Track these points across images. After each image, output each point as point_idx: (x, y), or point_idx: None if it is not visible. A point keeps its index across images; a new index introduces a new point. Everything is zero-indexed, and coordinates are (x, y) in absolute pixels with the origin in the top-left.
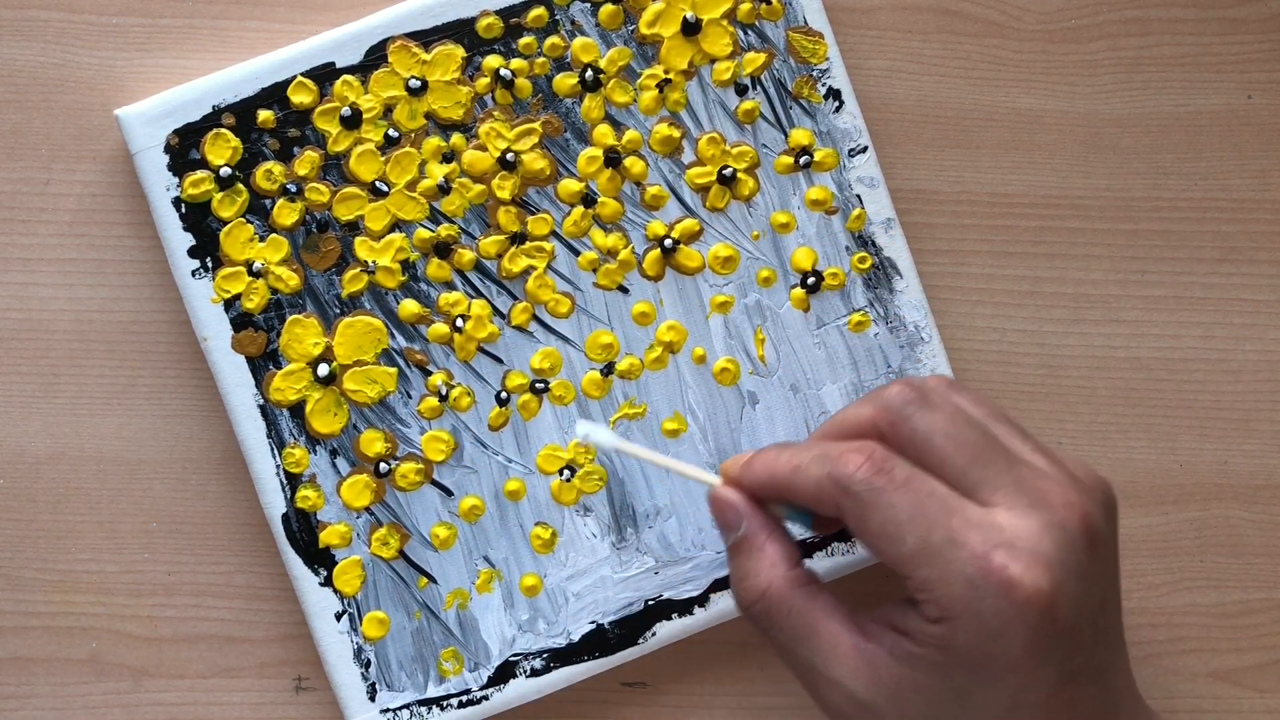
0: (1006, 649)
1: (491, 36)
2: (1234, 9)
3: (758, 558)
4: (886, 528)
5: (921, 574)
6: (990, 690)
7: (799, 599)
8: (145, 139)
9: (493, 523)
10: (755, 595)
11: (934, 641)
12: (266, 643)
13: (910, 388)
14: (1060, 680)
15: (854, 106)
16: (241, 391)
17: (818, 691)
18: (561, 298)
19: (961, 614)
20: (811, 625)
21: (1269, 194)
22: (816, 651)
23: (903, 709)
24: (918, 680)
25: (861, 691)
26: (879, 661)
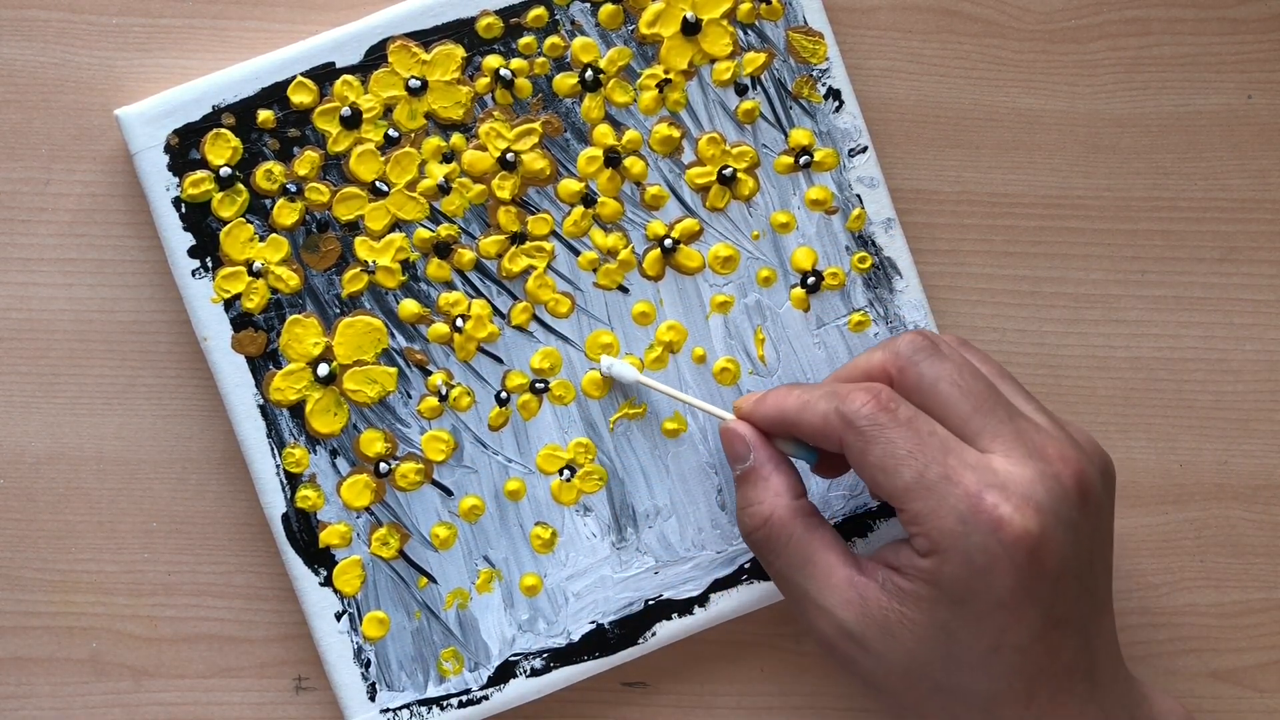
0: (992, 586)
1: (491, 36)
2: (1234, 9)
3: (762, 487)
4: (885, 461)
5: (915, 507)
6: (974, 628)
7: (799, 528)
8: (145, 139)
9: (493, 523)
10: (758, 522)
11: (923, 576)
12: (266, 643)
13: (922, 337)
14: (1044, 626)
15: (854, 106)
16: (241, 391)
17: (809, 619)
18: (561, 298)
19: (950, 548)
20: (809, 554)
21: (1269, 194)
22: (811, 580)
23: (889, 642)
24: (905, 614)
25: (851, 622)
26: (870, 595)
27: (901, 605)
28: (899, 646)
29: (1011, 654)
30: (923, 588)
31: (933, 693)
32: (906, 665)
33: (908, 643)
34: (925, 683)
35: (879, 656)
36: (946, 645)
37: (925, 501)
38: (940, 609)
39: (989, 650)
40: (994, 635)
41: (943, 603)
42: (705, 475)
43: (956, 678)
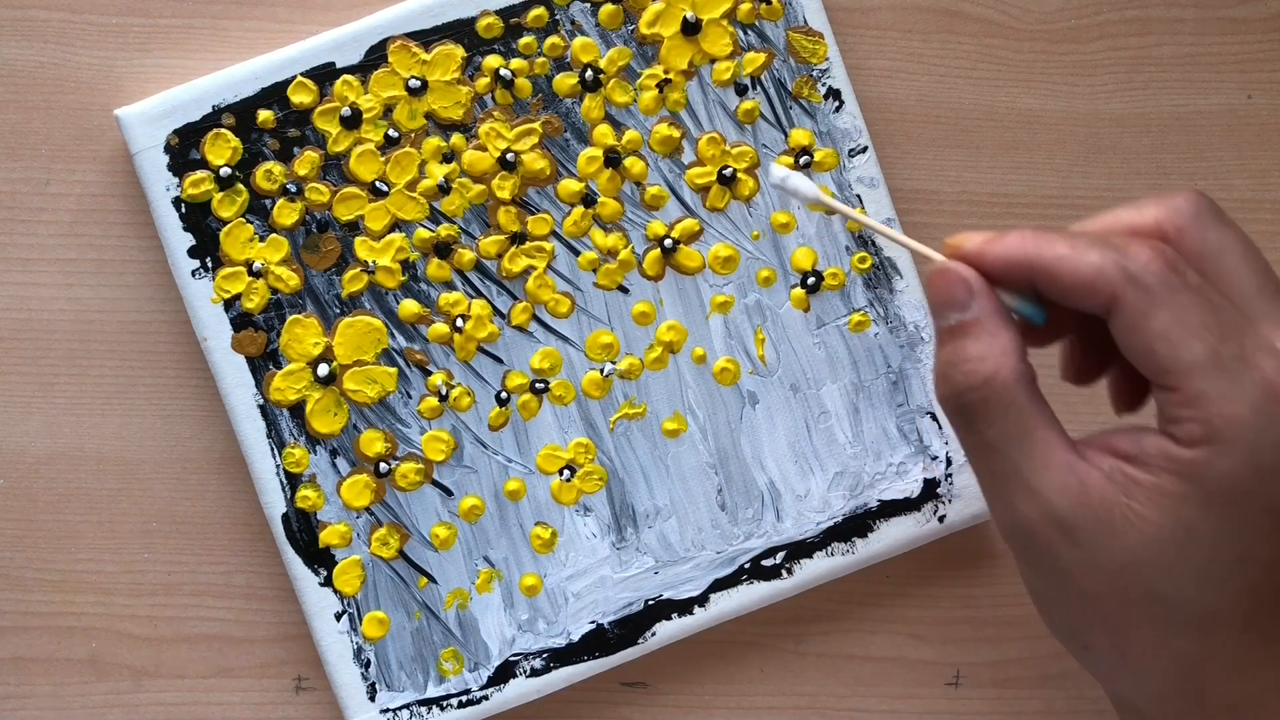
0: (1271, 489)
1: (491, 36)
2: (1234, 9)
3: (989, 342)
4: (1173, 329)
5: (1198, 386)
6: (1228, 534)
7: (1024, 395)
8: (145, 139)
9: (493, 523)
10: (977, 381)
11: (1179, 468)
12: (266, 643)
13: (1204, 197)
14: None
15: (854, 106)
16: (241, 391)
17: (1011, 499)
18: (561, 298)
19: (1234, 440)
20: (1029, 427)
21: (1269, 194)
22: (1027, 456)
23: (1107, 538)
24: (1135, 510)
25: (1065, 509)
26: (1092, 482)
27: (1131, 500)
28: (1118, 544)
29: (1256, 570)
30: (1173, 482)
31: (1142, 600)
32: (1121, 565)
33: (1131, 541)
34: (1137, 588)
35: (1090, 552)
36: (1182, 549)
37: (1214, 382)
38: (1188, 509)
39: (1234, 561)
40: (1246, 544)
41: (1196, 502)
42: (705, 475)
43: (1179, 588)
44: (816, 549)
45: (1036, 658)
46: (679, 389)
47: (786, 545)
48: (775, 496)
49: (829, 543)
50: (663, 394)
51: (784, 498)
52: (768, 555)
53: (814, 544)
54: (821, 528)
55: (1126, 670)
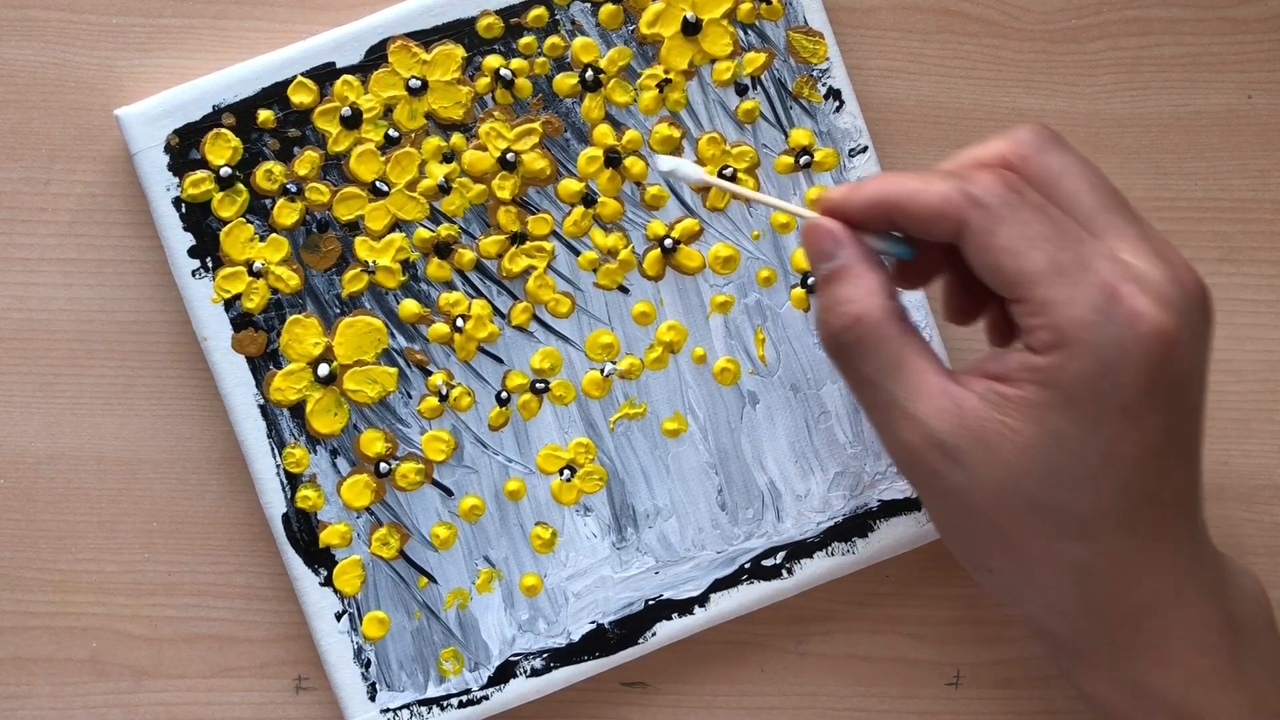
0: (1120, 385)
1: (491, 36)
2: (1234, 9)
3: (855, 284)
4: (1016, 243)
5: (1043, 294)
6: (1091, 434)
7: (894, 329)
8: (145, 139)
9: (493, 523)
10: (848, 320)
11: (1038, 376)
12: (266, 643)
13: (1044, 128)
14: (1161, 442)
15: (854, 106)
16: (241, 391)
17: (895, 430)
18: (561, 298)
19: (1079, 340)
20: (902, 358)
21: (1269, 194)
22: (902, 385)
23: (985, 455)
24: (1008, 425)
25: (944, 432)
26: (967, 404)
27: (1003, 415)
28: (996, 459)
29: (1124, 469)
30: (1035, 392)
31: (1026, 512)
32: (1001, 480)
33: (1007, 455)
34: (1019, 501)
35: (971, 471)
36: (1053, 457)
37: (1057, 288)
38: (1053, 415)
39: (1101, 462)
40: (1110, 443)
41: (1057, 407)
42: (705, 475)
43: (1058, 495)
44: (817, 549)
45: (1036, 658)
46: (679, 389)
47: (787, 545)
48: (775, 496)
49: (829, 543)
50: (663, 394)
51: (784, 498)
52: (768, 555)
53: (814, 544)
54: (822, 528)
55: (1029, 589)
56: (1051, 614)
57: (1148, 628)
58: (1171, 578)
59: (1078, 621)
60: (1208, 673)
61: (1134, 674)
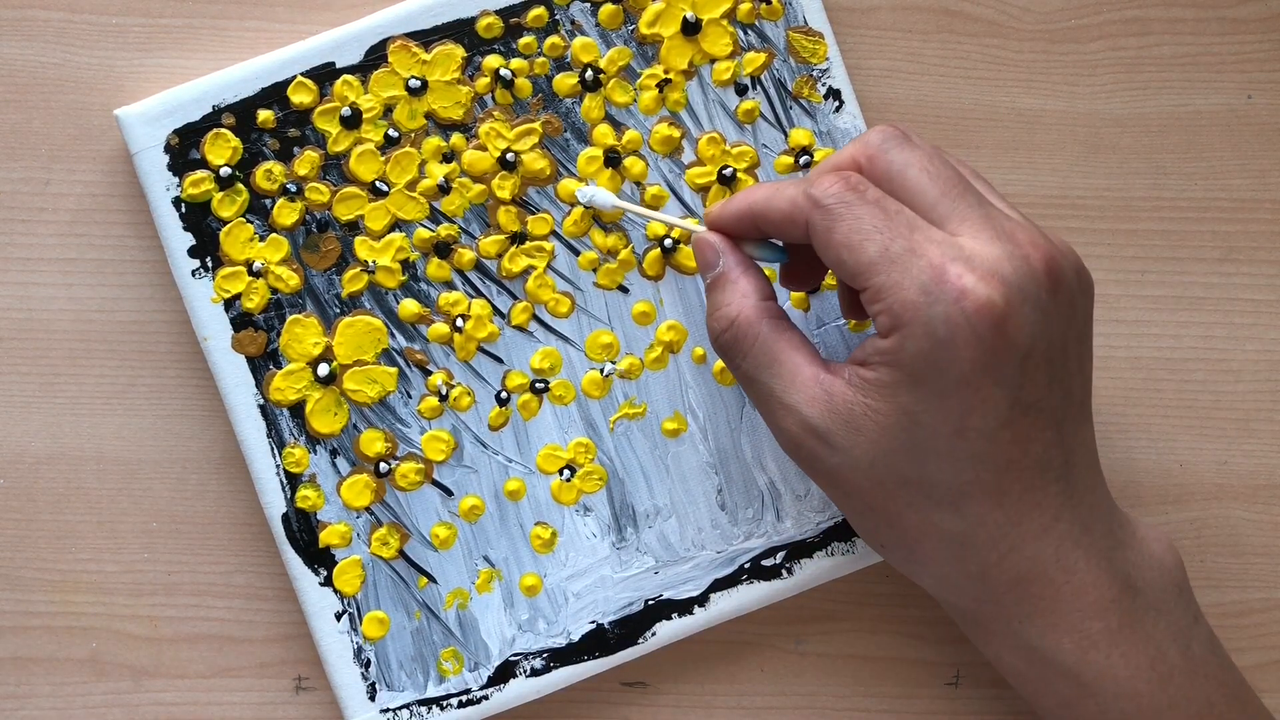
0: (955, 360)
1: (491, 36)
2: (1234, 9)
3: (730, 289)
4: (851, 237)
5: (877, 281)
6: (938, 409)
7: (766, 328)
8: (145, 139)
9: (493, 523)
10: (725, 323)
11: (885, 359)
12: (266, 643)
13: (893, 127)
14: (1010, 410)
15: (854, 106)
16: (241, 391)
17: (774, 418)
18: (561, 297)
19: (911, 321)
20: (775, 353)
21: (1269, 194)
22: (777, 378)
23: (854, 436)
24: (869, 405)
25: (815, 417)
26: (835, 390)
27: (865, 397)
28: (864, 439)
29: (977, 439)
30: (885, 373)
31: (899, 488)
32: (872, 459)
33: (872, 434)
34: (892, 477)
35: (844, 451)
36: (911, 433)
37: (888, 274)
38: (902, 393)
39: (953, 434)
40: (958, 417)
41: (904, 385)
42: (705, 475)
43: (923, 469)
44: (816, 549)
45: None
46: (679, 389)
47: (786, 545)
48: (775, 496)
49: (829, 543)
50: (663, 394)
51: (784, 497)
52: (768, 555)
53: (814, 544)
54: (821, 528)
55: (918, 563)
56: (943, 585)
57: (1035, 593)
58: (1051, 543)
59: (967, 589)
60: (1100, 635)
61: (1028, 639)
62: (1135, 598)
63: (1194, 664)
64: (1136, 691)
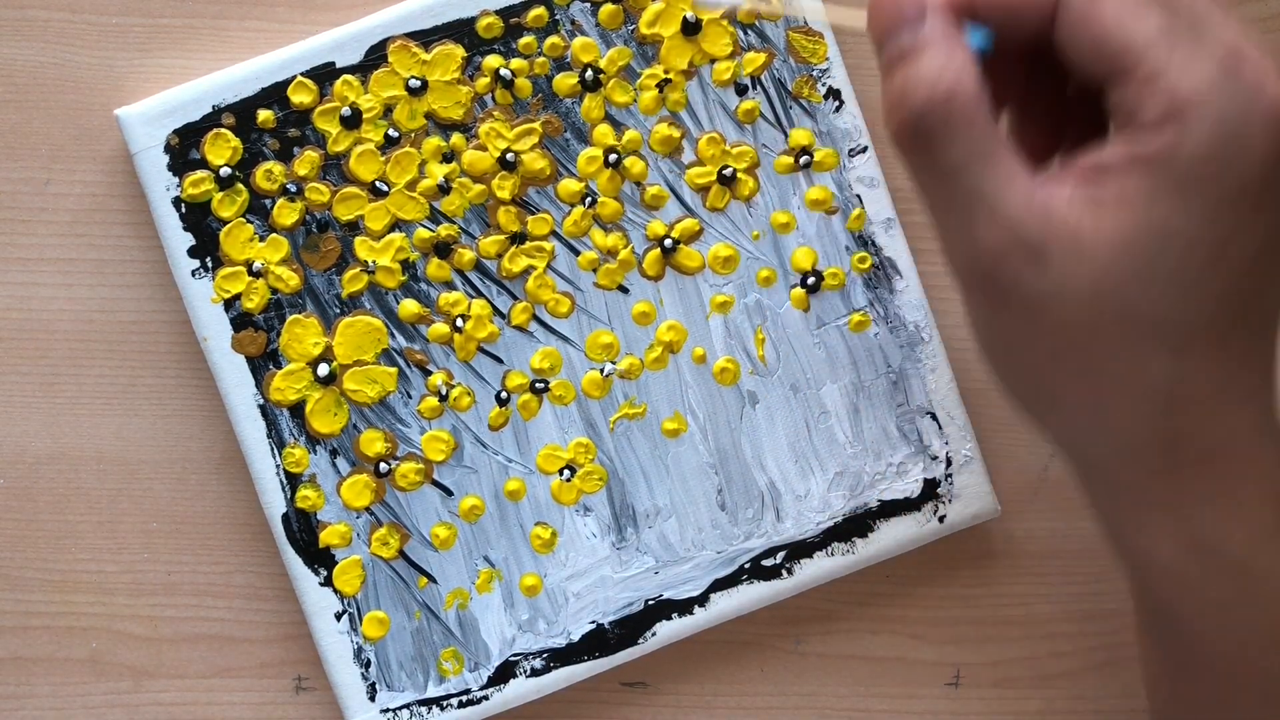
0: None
1: (491, 36)
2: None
3: (947, 57)
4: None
5: (1156, 60)
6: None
7: (985, 112)
8: (145, 139)
9: (493, 523)
10: (941, 97)
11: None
12: (266, 643)
13: None
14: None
15: (854, 106)
16: (241, 391)
17: (974, 230)
18: (561, 298)
19: (1199, 111)
20: (991, 146)
21: None
22: (991, 177)
23: (1078, 256)
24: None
25: (1034, 231)
26: (1058, 200)
27: (1101, 212)
28: (1090, 261)
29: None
30: (1140, 180)
31: (1117, 325)
32: (1094, 284)
33: (1103, 256)
34: (1110, 309)
35: (1059, 275)
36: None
37: (1173, 53)
38: (1161, 204)
39: (1211, 260)
40: (1223, 237)
41: (1167, 193)
42: (705, 475)
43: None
44: (816, 549)
45: (1036, 658)
46: (679, 389)
47: (786, 545)
48: (775, 496)
49: (829, 543)
50: (663, 394)
51: (784, 498)
52: (768, 555)
53: (814, 544)
54: (821, 528)
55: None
56: (1117, 451)
57: (1221, 470)
58: (1254, 412)
59: (1146, 459)
60: (1276, 529)
61: (1198, 526)
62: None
63: None
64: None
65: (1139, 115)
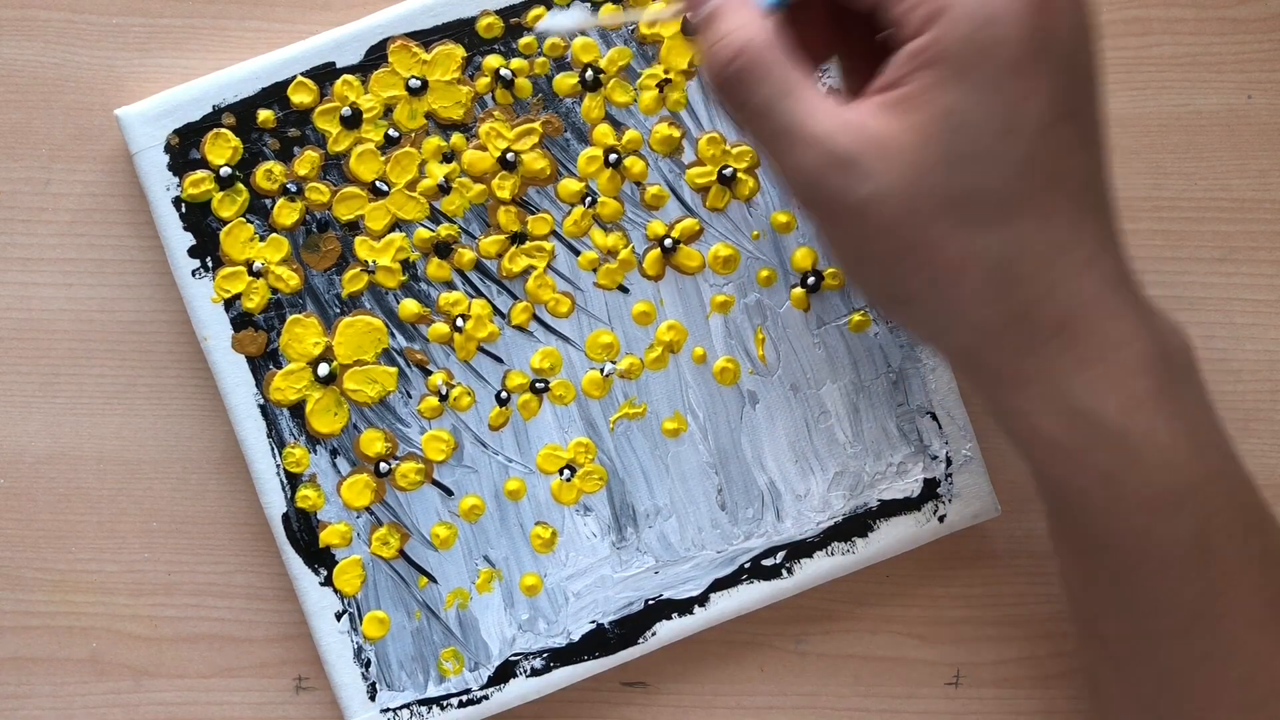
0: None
1: (491, 36)
2: (1234, 9)
3: (735, 14)
4: None
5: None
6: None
7: (782, 54)
8: (145, 139)
9: (493, 522)
10: (734, 50)
11: (923, 58)
12: (266, 643)
13: None
14: (1056, 108)
15: None
16: (241, 391)
17: (793, 156)
18: (561, 297)
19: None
20: (792, 81)
21: (1269, 194)
22: (797, 108)
23: (887, 159)
24: (904, 122)
25: (845, 144)
26: (861, 114)
27: (900, 117)
28: (900, 160)
29: (1027, 137)
30: (924, 76)
31: (940, 211)
32: (908, 181)
33: (910, 153)
34: (931, 200)
35: (876, 179)
36: (955, 138)
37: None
38: (945, 92)
39: (1003, 132)
40: (1008, 109)
41: (948, 82)
42: (705, 475)
43: (964, 179)
44: (816, 549)
45: (1036, 658)
46: (679, 389)
47: (786, 545)
48: (775, 496)
49: (829, 542)
50: (663, 394)
51: (784, 497)
52: (768, 555)
53: (814, 544)
54: (821, 527)
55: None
56: (978, 335)
57: (1081, 340)
58: (1094, 281)
59: (1008, 339)
60: (1145, 395)
61: (1073, 398)
62: (1170, 361)
63: (1222, 441)
64: (1177, 462)
65: (910, 24)
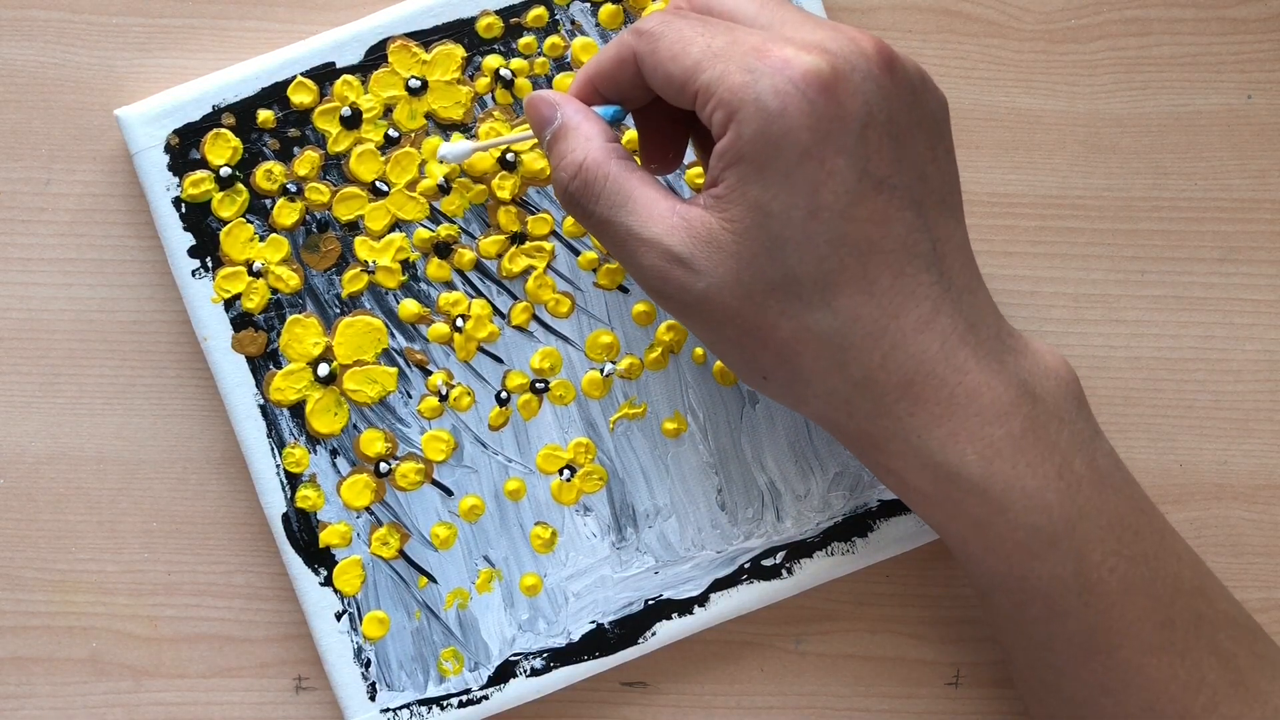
0: (790, 131)
1: (491, 36)
2: (1234, 9)
3: (573, 136)
4: (674, 47)
5: (704, 79)
6: (785, 191)
7: (615, 167)
8: (145, 139)
9: (493, 522)
10: (573, 169)
11: (727, 158)
12: (266, 643)
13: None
14: (860, 182)
15: None
16: (241, 391)
17: (635, 258)
18: (561, 297)
19: (741, 102)
20: (628, 191)
21: (1269, 194)
22: (634, 214)
23: (715, 254)
24: (724, 218)
25: (676, 245)
26: (691, 216)
27: (720, 211)
28: (725, 253)
29: (832, 218)
30: (731, 175)
31: (768, 296)
32: (736, 271)
33: (731, 245)
34: (759, 286)
35: (709, 272)
36: (766, 227)
37: (713, 68)
38: (751, 187)
39: (807, 217)
40: (808, 195)
41: (750, 177)
42: (705, 475)
43: (785, 265)
44: (816, 549)
45: None
46: (679, 389)
47: (786, 545)
48: (775, 496)
49: (829, 543)
50: (663, 394)
51: (784, 497)
52: (768, 555)
53: (814, 544)
54: (821, 528)
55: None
56: (830, 403)
57: (928, 396)
58: (934, 339)
59: (857, 404)
60: (1004, 442)
61: (930, 453)
62: (1035, 404)
63: (1100, 475)
64: (1046, 504)
65: (715, 125)
